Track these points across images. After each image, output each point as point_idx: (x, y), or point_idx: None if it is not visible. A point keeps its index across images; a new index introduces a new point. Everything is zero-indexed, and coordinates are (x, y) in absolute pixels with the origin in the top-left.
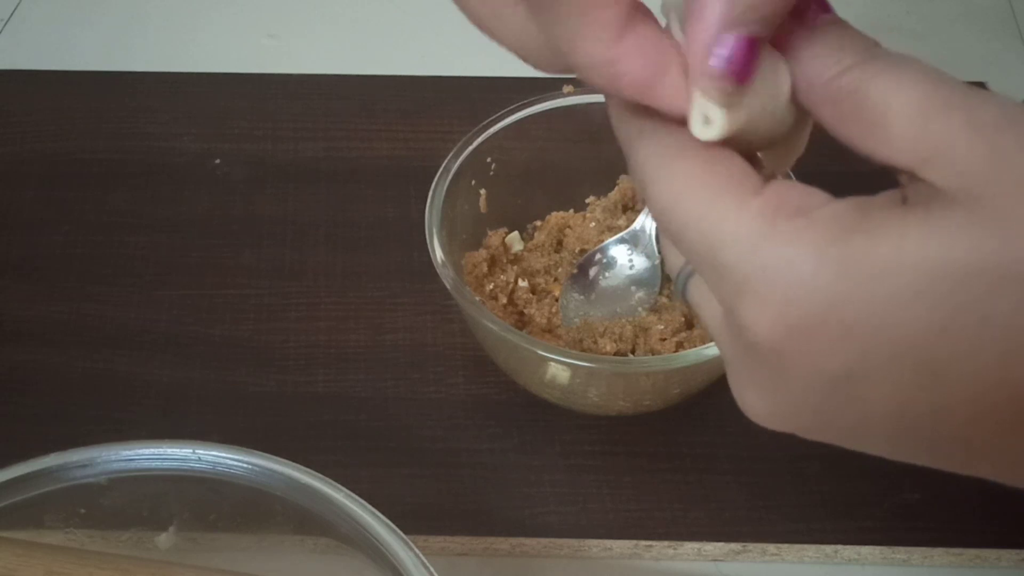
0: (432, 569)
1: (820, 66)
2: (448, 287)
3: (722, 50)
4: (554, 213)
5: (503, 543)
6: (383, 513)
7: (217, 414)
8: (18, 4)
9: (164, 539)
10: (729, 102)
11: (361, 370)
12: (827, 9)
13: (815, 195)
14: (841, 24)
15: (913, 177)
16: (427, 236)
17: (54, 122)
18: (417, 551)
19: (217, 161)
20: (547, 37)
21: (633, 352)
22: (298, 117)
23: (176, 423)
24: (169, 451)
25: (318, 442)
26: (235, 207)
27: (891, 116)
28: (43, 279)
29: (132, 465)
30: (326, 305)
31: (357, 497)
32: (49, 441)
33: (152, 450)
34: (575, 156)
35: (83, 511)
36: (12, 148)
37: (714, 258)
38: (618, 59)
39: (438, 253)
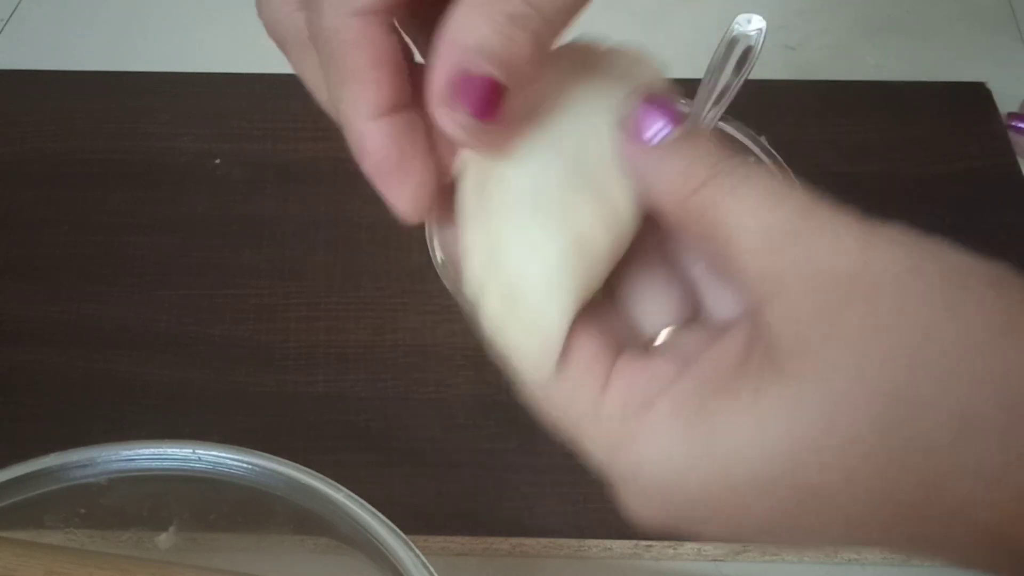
0: (432, 569)
1: (668, 187)
2: (448, 287)
3: (459, 88)
4: None
5: (503, 543)
6: (383, 513)
7: (217, 414)
8: (18, 4)
9: (164, 539)
10: (473, 140)
11: (361, 370)
12: (678, 121)
13: (658, 374)
14: (691, 137)
15: (758, 311)
16: (427, 236)
17: (54, 122)
18: (417, 551)
19: (217, 161)
20: (329, 92)
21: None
22: (298, 117)
23: (176, 423)
24: (169, 451)
25: (318, 442)
26: (235, 207)
27: (737, 247)
28: (43, 279)
29: (132, 465)
30: (326, 305)
31: (357, 497)
32: (49, 441)
33: (152, 450)
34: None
35: (83, 511)
36: (12, 148)
37: (588, 456)
38: (365, 135)
39: (438, 253)
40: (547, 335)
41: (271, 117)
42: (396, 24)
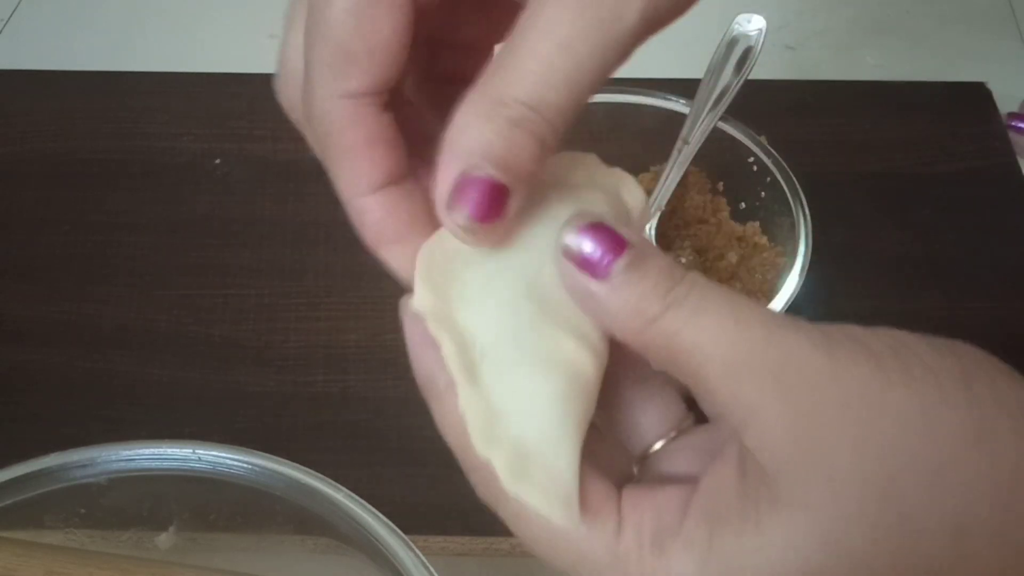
0: (432, 569)
1: (622, 323)
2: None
3: (461, 189)
4: None
5: (503, 543)
6: (383, 513)
7: (217, 414)
8: (18, 4)
9: (164, 539)
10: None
11: (361, 370)
12: (621, 247)
13: (665, 508)
14: (637, 265)
15: (738, 435)
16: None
17: (54, 122)
18: (417, 551)
19: (217, 161)
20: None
21: None
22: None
23: (176, 423)
24: (169, 451)
25: (318, 442)
26: (235, 207)
27: (704, 375)
28: (43, 279)
29: (132, 465)
30: (326, 305)
31: (357, 497)
32: (49, 441)
33: (152, 450)
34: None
35: (83, 511)
36: (12, 148)
37: None
38: (364, 210)
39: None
40: (565, 491)
41: (271, 117)
42: (386, 104)
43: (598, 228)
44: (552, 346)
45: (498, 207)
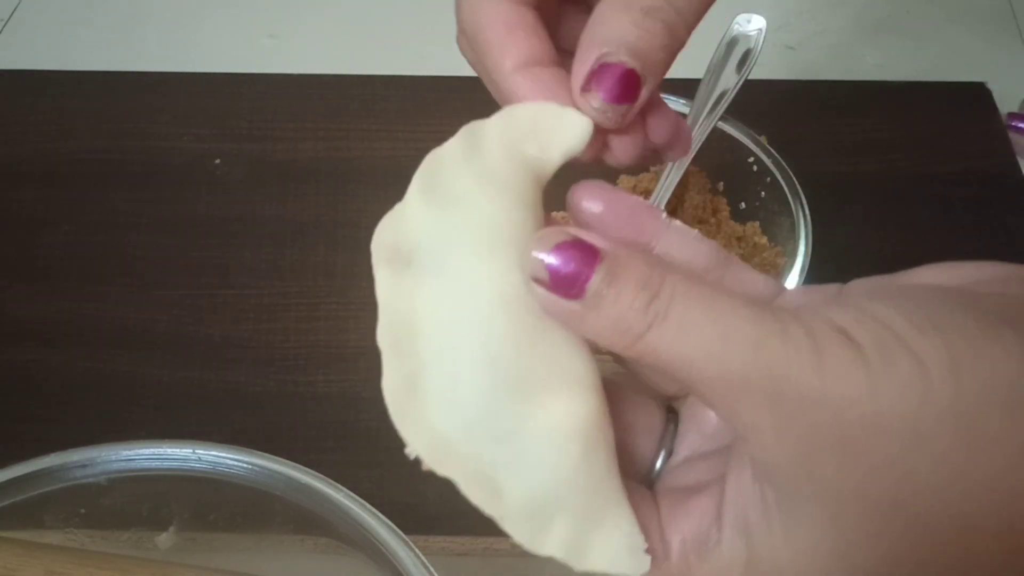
0: (432, 569)
1: (608, 340)
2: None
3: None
4: (554, 213)
5: (503, 543)
6: (383, 513)
7: (217, 414)
8: (18, 4)
9: (164, 539)
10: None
11: (361, 370)
12: (593, 259)
13: (701, 523)
14: (615, 278)
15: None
16: None
17: (54, 122)
18: (417, 551)
19: (217, 161)
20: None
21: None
22: (298, 117)
23: (176, 423)
24: (169, 451)
25: (318, 442)
26: (235, 207)
27: (700, 387)
28: (43, 279)
29: (132, 465)
30: (326, 305)
31: (357, 497)
32: (49, 441)
33: (152, 450)
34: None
35: (83, 511)
36: (12, 148)
37: None
38: (512, 89)
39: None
40: (632, 549)
41: (271, 117)
42: (533, 4)
43: (564, 245)
44: (546, 418)
45: (630, 92)
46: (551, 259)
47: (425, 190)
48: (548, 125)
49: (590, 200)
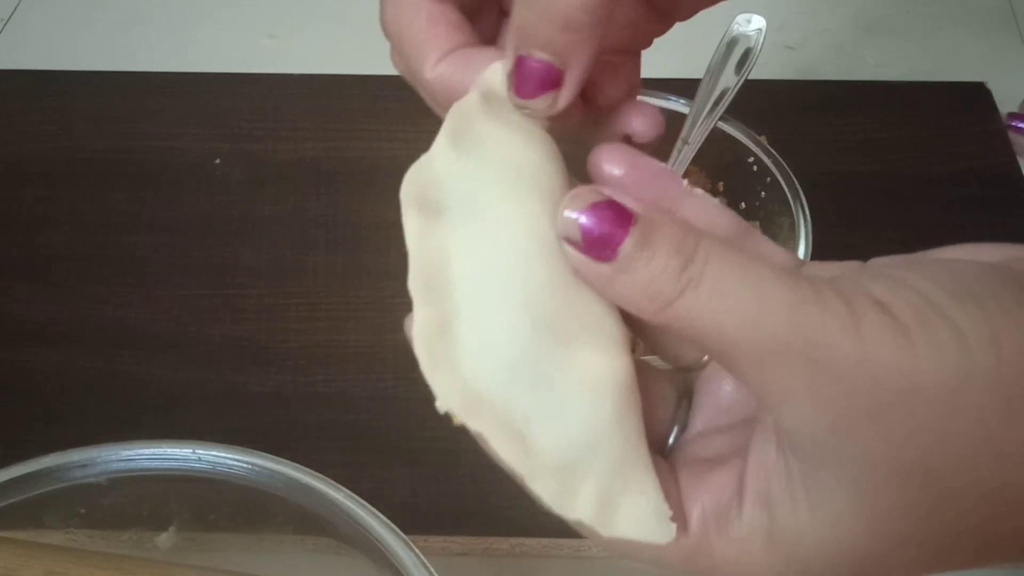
0: (432, 569)
1: (639, 305)
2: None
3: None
4: None
5: (503, 543)
6: (383, 513)
7: (217, 414)
8: (18, 4)
9: (164, 539)
10: None
11: (361, 370)
12: (627, 221)
13: (722, 494)
14: (648, 240)
15: (771, 414)
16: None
17: (54, 122)
18: (417, 551)
19: (217, 161)
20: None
21: (633, 351)
22: (298, 117)
23: (176, 423)
24: (169, 451)
25: (318, 442)
26: (235, 207)
27: (731, 356)
28: (43, 279)
29: (132, 465)
30: (326, 305)
31: (357, 497)
32: (49, 441)
33: (152, 450)
34: (575, 156)
35: (83, 511)
36: (12, 148)
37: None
38: (434, 80)
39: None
40: (658, 515)
41: (271, 117)
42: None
43: (598, 206)
44: (581, 369)
45: (546, 85)
46: (584, 219)
47: (454, 137)
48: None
49: (611, 163)
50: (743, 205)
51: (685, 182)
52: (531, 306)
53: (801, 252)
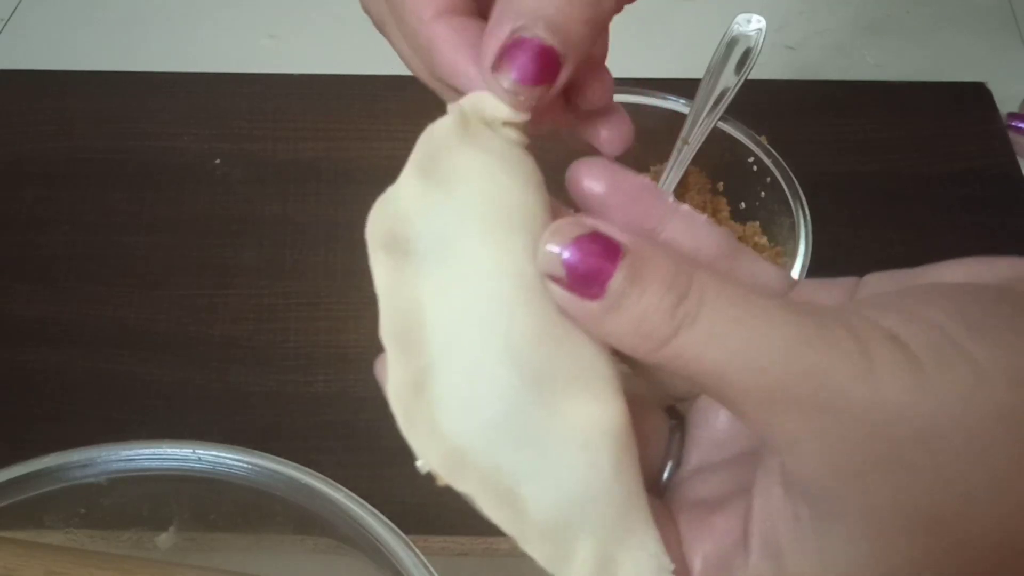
0: (432, 569)
1: (632, 345)
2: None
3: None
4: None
5: (503, 543)
6: (383, 513)
7: (217, 414)
8: (18, 4)
9: (164, 539)
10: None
11: (361, 370)
12: (615, 254)
13: (725, 540)
14: (639, 276)
15: (776, 456)
16: None
17: (54, 122)
18: (417, 551)
19: (217, 161)
20: (396, 21)
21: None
22: (298, 117)
23: (176, 423)
24: (169, 451)
25: (318, 442)
26: (235, 207)
27: (732, 398)
28: (43, 279)
29: (132, 465)
30: (326, 305)
31: (357, 497)
32: (49, 441)
33: (152, 450)
34: (575, 156)
35: (83, 511)
36: (12, 148)
37: None
38: (433, 35)
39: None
40: (662, 563)
41: (271, 117)
42: None
43: (583, 240)
44: (573, 421)
45: (547, 72)
46: (568, 254)
47: (422, 168)
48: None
49: (592, 179)
50: (743, 205)
51: (671, 198)
52: (514, 356)
53: (801, 252)
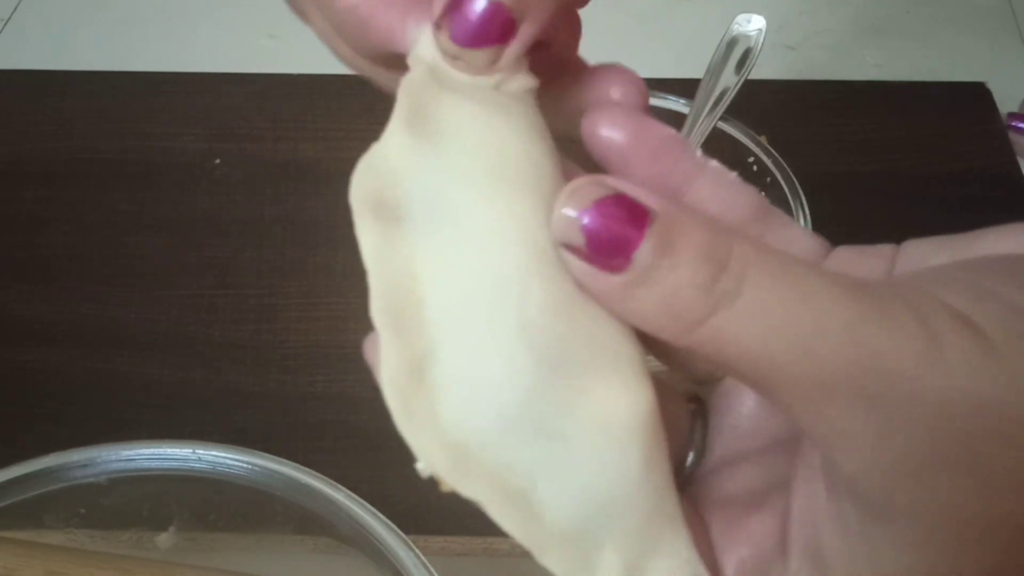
0: (432, 569)
1: (660, 326)
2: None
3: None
4: None
5: (503, 543)
6: (383, 513)
7: (217, 414)
8: (18, 4)
9: (164, 539)
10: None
11: (361, 370)
12: (643, 219)
13: (763, 545)
14: (670, 245)
15: (821, 453)
16: None
17: (54, 122)
18: (417, 551)
19: (217, 161)
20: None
21: None
22: (298, 117)
23: (176, 423)
24: (169, 451)
25: (318, 442)
26: (235, 207)
27: (774, 387)
28: (43, 279)
29: (132, 465)
30: (326, 305)
31: (357, 497)
32: (49, 441)
33: (152, 450)
34: (575, 155)
35: (83, 511)
36: (12, 148)
37: None
38: (351, 7)
39: None
40: (696, 572)
41: (271, 117)
42: None
43: (605, 203)
44: (597, 409)
45: (496, 33)
46: (587, 219)
47: (409, 122)
48: None
49: (611, 127)
50: None
51: (698, 152)
52: (528, 336)
53: None
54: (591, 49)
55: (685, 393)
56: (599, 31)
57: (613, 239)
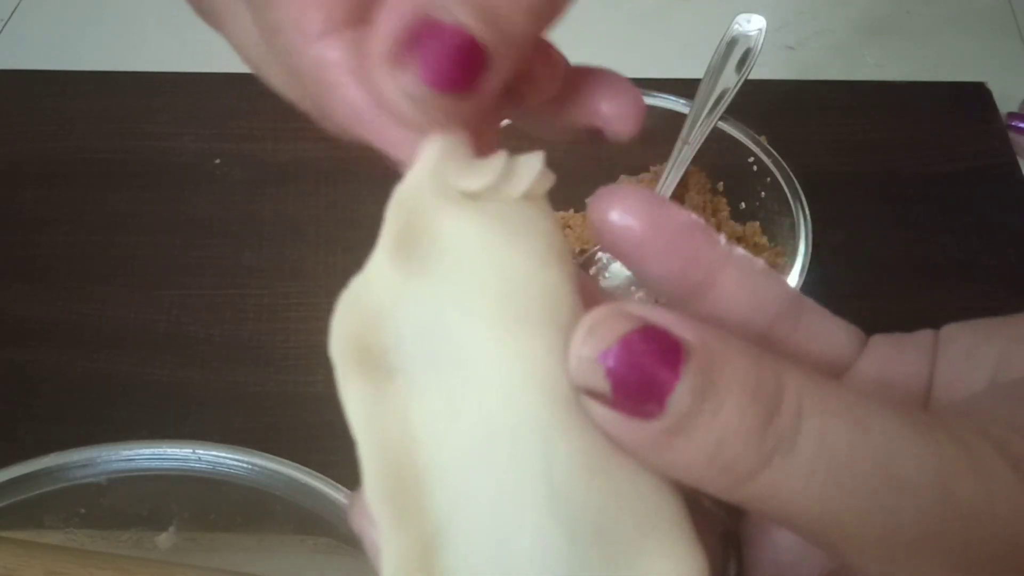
0: None
1: (705, 478)
2: None
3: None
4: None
5: None
6: None
7: (217, 414)
8: (18, 4)
9: (164, 539)
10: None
11: None
12: (678, 360)
13: None
14: (711, 392)
15: None
16: None
17: (54, 122)
18: None
19: (217, 161)
20: (260, 29)
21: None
22: (298, 117)
23: (176, 423)
24: (169, 451)
25: (318, 442)
26: (235, 207)
27: (842, 549)
28: (43, 279)
29: (132, 465)
30: (326, 305)
31: None
32: (49, 441)
33: (152, 450)
34: (574, 155)
35: (83, 511)
36: (12, 148)
37: None
38: (322, 56)
39: None
40: None
41: (271, 117)
42: None
43: (631, 338)
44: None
45: (466, 74)
46: (611, 360)
47: (398, 246)
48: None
49: (624, 213)
50: (743, 205)
51: (722, 239)
52: (560, 504)
53: (801, 252)
54: (591, 49)
55: (712, 521)
56: (600, 31)
57: (643, 382)
